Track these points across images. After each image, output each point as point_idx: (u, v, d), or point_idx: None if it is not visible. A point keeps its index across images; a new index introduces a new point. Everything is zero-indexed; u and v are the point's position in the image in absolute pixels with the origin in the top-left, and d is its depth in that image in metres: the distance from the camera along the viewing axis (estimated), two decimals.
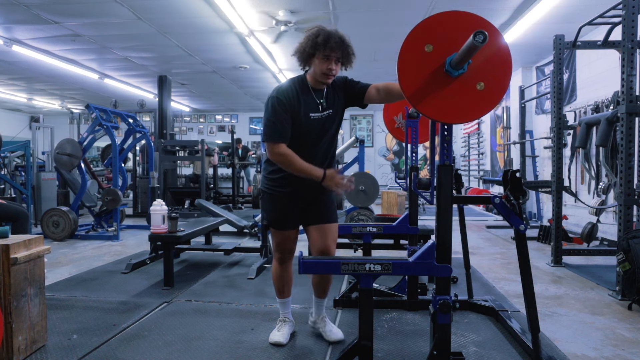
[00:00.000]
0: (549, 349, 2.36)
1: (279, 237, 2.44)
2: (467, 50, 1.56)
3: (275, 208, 2.40)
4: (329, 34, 2.16)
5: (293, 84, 2.28)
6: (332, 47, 2.15)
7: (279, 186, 2.36)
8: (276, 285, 2.55)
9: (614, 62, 5.11)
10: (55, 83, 9.62)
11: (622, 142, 3.31)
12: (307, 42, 2.19)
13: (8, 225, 3.54)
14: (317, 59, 2.19)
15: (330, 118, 2.32)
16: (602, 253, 4.56)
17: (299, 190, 2.34)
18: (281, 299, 2.57)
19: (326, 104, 2.30)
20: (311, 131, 2.26)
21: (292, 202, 2.37)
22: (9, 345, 2.15)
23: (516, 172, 1.94)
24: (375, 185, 5.82)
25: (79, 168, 6.09)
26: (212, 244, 4.90)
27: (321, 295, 2.55)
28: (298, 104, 2.23)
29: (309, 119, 2.25)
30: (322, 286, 2.52)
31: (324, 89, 2.31)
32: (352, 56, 2.25)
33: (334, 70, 2.22)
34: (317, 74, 2.23)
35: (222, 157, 11.49)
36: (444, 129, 1.81)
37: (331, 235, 2.41)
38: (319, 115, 2.28)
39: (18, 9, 5.23)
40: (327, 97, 2.32)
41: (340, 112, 2.39)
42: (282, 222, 2.40)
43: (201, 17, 5.57)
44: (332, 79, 2.26)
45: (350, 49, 2.23)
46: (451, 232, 1.81)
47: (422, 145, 3.10)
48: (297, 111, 2.23)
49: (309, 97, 2.27)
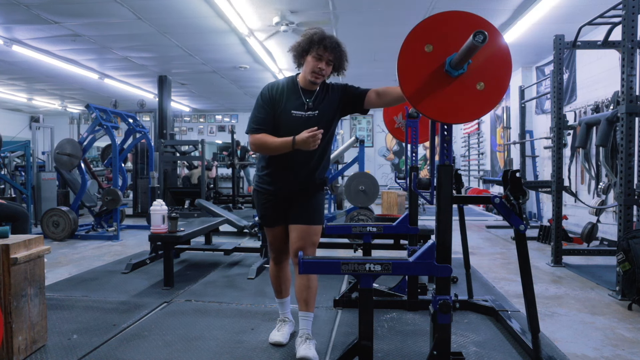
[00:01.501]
0: (549, 349, 2.36)
1: (270, 235, 2.45)
2: (466, 51, 1.56)
3: (262, 205, 2.42)
4: (326, 35, 2.22)
5: (284, 80, 2.35)
6: (326, 46, 2.18)
7: (265, 183, 2.39)
8: (274, 285, 2.56)
9: (614, 62, 5.11)
10: (55, 83, 9.62)
11: (622, 142, 3.31)
12: (304, 39, 2.24)
13: (8, 225, 3.54)
14: (309, 56, 2.22)
15: (314, 119, 2.26)
16: (602, 253, 4.56)
17: (283, 186, 2.35)
18: (280, 299, 2.57)
19: (312, 105, 2.28)
20: (294, 130, 2.17)
21: (277, 200, 2.37)
22: (9, 345, 2.15)
23: (516, 172, 1.95)
24: (375, 185, 5.81)
25: (79, 168, 6.09)
26: (212, 244, 4.90)
27: (303, 307, 2.32)
28: (280, 98, 2.27)
29: (290, 115, 2.25)
30: (302, 296, 2.30)
31: (315, 91, 2.31)
32: (345, 62, 2.28)
33: (324, 71, 2.23)
34: (307, 72, 2.25)
35: (222, 157, 11.49)
36: (443, 129, 1.81)
37: (309, 238, 2.30)
38: (302, 114, 2.27)
39: (18, 9, 5.23)
40: (316, 98, 2.30)
41: (328, 115, 2.31)
42: (268, 219, 2.42)
43: (201, 17, 5.57)
44: (320, 79, 2.26)
45: (344, 55, 2.25)
46: (451, 232, 1.81)
47: (422, 145, 3.10)
48: (279, 104, 2.26)
49: (296, 95, 2.29)
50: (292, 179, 2.32)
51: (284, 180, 2.33)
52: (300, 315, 2.34)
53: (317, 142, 2.10)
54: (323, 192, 2.46)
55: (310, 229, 2.32)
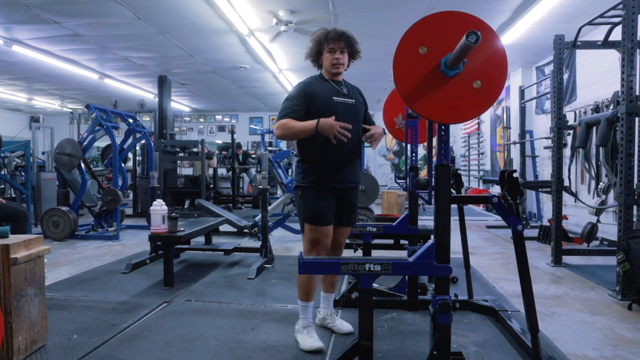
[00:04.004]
0: (549, 349, 2.36)
1: (318, 234, 2.36)
2: (460, 51, 1.56)
3: (318, 201, 2.36)
4: (328, 29, 2.38)
5: (311, 78, 2.48)
6: (333, 37, 2.34)
7: (316, 174, 2.37)
8: (305, 287, 2.42)
9: (614, 62, 5.11)
10: (55, 83, 9.63)
11: (622, 142, 3.31)
12: (312, 43, 2.43)
13: (8, 225, 3.54)
14: (324, 54, 2.39)
15: (355, 106, 2.43)
16: (602, 253, 4.56)
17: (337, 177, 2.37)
18: (308, 301, 2.45)
19: (347, 92, 2.43)
20: (339, 115, 2.29)
21: (331, 197, 2.39)
22: (9, 345, 2.15)
23: (513, 173, 1.94)
24: (375, 185, 5.82)
25: (79, 168, 6.10)
26: (212, 244, 4.91)
27: (329, 289, 2.59)
28: (315, 91, 2.36)
29: (332, 102, 2.35)
30: (329, 279, 2.56)
31: (341, 81, 2.46)
32: (356, 44, 2.43)
33: (342, 59, 2.38)
34: (328, 67, 2.40)
35: (222, 157, 11.49)
36: (441, 129, 1.81)
37: (347, 234, 2.58)
38: (342, 100, 2.39)
39: (18, 9, 5.23)
40: (347, 86, 2.46)
41: (361, 108, 2.50)
42: (324, 217, 2.36)
43: (201, 17, 5.57)
44: (342, 68, 2.40)
45: (352, 39, 2.40)
46: (450, 232, 1.81)
47: (422, 145, 3.09)
48: (316, 97, 2.34)
49: (327, 84, 2.42)
50: (339, 169, 2.38)
51: (332, 171, 2.36)
52: (326, 296, 2.61)
53: (340, 130, 2.17)
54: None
55: (349, 230, 2.58)
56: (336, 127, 2.18)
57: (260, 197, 4.47)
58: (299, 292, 2.47)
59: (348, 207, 2.48)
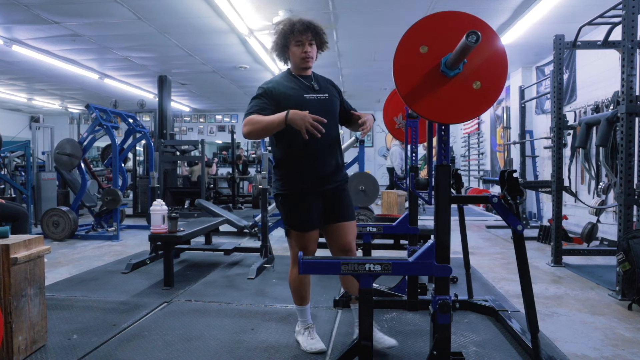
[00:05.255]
0: (549, 349, 2.36)
1: (303, 241, 2.28)
2: (460, 51, 1.56)
3: (299, 209, 2.26)
4: (293, 21, 2.23)
5: (277, 76, 2.36)
6: (300, 30, 2.20)
7: (293, 180, 2.25)
8: (298, 292, 2.38)
9: (614, 62, 5.11)
10: (55, 83, 9.63)
11: (622, 142, 3.31)
12: (278, 36, 2.27)
13: (8, 225, 3.54)
14: (291, 48, 2.25)
15: (329, 100, 2.28)
16: (602, 253, 4.56)
17: (314, 181, 2.24)
18: (303, 305, 2.41)
19: (318, 87, 2.29)
20: (313, 113, 2.06)
21: (314, 200, 2.25)
22: (9, 345, 2.15)
23: (512, 173, 1.94)
24: (375, 185, 5.81)
25: (79, 168, 6.10)
26: (212, 244, 4.91)
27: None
28: (284, 88, 2.23)
29: (304, 100, 2.20)
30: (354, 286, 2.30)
31: (310, 76, 2.32)
32: (324, 35, 2.30)
33: (310, 52, 2.25)
34: (297, 62, 2.27)
35: (222, 157, 11.48)
36: (441, 129, 1.81)
37: (354, 232, 2.36)
38: (315, 96, 2.25)
39: (18, 9, 5.23)
40: (317, 81, 2.32)
41: (335, 102, 2.34)
42: (307, 223, 2.26)
43: (201, 17, 5.57)
44: (311, 62, 2.28)
45: (320, 29, 2.27)
46: (450, 232, 1.81)
47: (422, 145, 3.09)
48: (286, 93, 2.21)
49: (297, 81, 2.28)
50: (321, 170, 2.23)
51: (313, 173, 2.22)
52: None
53: (312, 123, 1.99)
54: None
55: (354, 224, 2.37)
56: (308, 119, 1.99)
57: (260, 197, 4.47)
58: (293, 298, 2.43)
59: (339, 202, 2.31)
